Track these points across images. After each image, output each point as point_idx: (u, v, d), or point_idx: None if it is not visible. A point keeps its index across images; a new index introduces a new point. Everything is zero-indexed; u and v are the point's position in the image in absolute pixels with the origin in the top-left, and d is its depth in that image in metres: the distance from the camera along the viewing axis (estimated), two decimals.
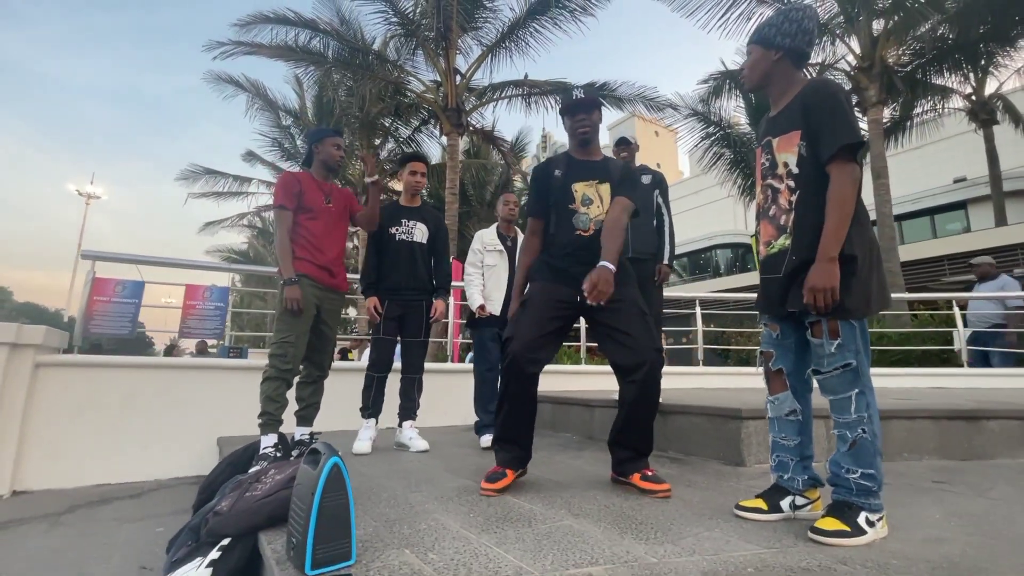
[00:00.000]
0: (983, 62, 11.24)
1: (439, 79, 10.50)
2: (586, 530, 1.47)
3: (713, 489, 1.99)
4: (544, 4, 9.23)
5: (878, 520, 1.43)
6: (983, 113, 13.14)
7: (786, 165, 1.58)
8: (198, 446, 3.53)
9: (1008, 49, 10.73)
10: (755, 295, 1.75)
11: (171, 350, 9.09)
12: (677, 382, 5.05)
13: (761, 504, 1.62)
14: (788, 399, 1.63)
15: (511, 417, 1.98)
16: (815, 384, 1.61)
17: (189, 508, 2.37)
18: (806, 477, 1.62)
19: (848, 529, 1.39)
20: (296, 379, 2.63)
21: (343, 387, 3.28)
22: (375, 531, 1.47)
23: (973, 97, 13.02)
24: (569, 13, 9.45)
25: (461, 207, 14.45)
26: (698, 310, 5.45)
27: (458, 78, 10.25)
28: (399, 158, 3.12)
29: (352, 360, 7.84)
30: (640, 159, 3.41)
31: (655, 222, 3.16)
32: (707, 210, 25.89)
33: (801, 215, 1.52)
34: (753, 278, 17.19)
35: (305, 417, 2.68)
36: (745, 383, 5.25)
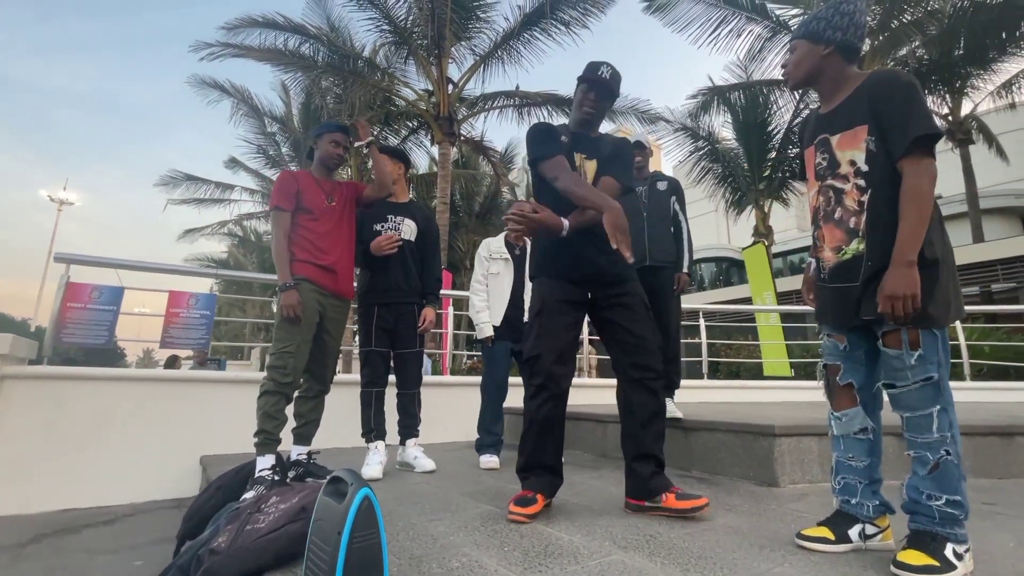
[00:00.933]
0: (959, 84, 11.62)
1: (431, 88, 10.39)
2: (643, 567, 1.30)
3: (757, 514, 1.83)
4: (539, 15, 9.22)
5: (965, 552, 1.29)
6: (960, 133, 13.54)
7: (852, 163, 1.45)
8: (179, 466, 3.26)
9: (982, 72, 11.12)
10: (744, 308, 1.63)
11: (173, 362, 8.54)
12: (682, 395, 4.91)
13: (827, 533, 1.47)
14: (859, 415, 1.49)
15: (545, 441, 1.83)
16: (885, 399, 1.48)
17: (171, 537, 2.11)
18: (876, 503, 1.47)
19: (937, 564, 1.24)
20: (295, 395, 2.41)
21: (341, 402, 3.04)
22: (400, 572, 1.28)
23: (950, 117, 13.42)
24: (563, 25, 9.47)
25: (450, 217, 14.30)
26: (702, 321, 5.35)
27: (450, 87, 10.16)
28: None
29: None
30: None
31: (672, 229, 3.05)
32: (693, 224, 26.20)
33: (875, 216, 1.39)
34: (737, 292, 17.35)
35: (303, 435, 2.46)
36: (751, 396, 5.15)
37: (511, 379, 3.14)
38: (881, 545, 1.44)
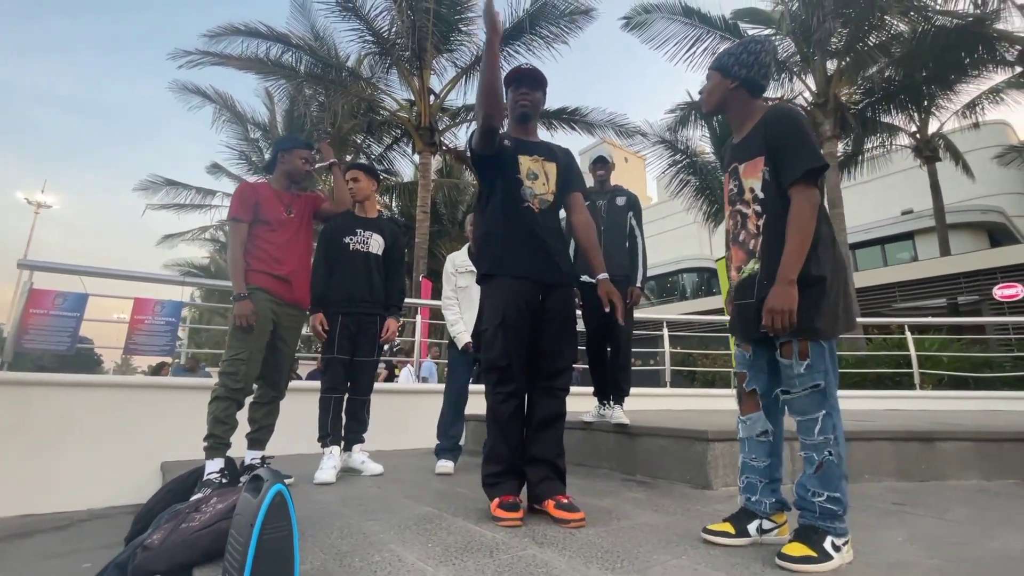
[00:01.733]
0: (926, 103, 12.06)
1: (413, 98, 10.52)
2: (551, 560, 1.40)
3: (680, 513, 1.95)
4: (519, 30, 9.42)
5: (844, 544, 1.41)
6: (927, 150, 14.05)
7: (752, 190, 1.60)
8: (140, 472, 3.28)
9: (947, 92, 11.55)
10: (721, 318, 1.76)
11: (159, 369, 8.41)
12: (645, 403, 5.04)
13: (729, 528, 1.59)
14: (760, 419, 1.61)
15: (515, 444, 1.91)
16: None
17: (122, 541, 2.16)
18: (773, 500, 1.59)
19: (815, 555, 1.37)
20: (249, 399, 2.48)
21: (300, 408, 3.11)
22: (323, 565, 1.36)
23: (917, 135, 13.91)
24: (543, 40, 9.68)
25: (432, 226, 14.37)
26: (665, 331, 5.50)
27: (432, 98, 10.30)
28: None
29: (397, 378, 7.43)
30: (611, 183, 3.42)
31: (627, 244, 3.15)
32: (675, 235, 26.58)
33: (768, 239, 1.54)
34: (718, 302, 17.64)
35: (257, 440, 2.52)
36: (712, 404, 5.29)
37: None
38: (777, 539, 1.55)
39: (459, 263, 3.19)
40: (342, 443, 2.83)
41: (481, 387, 2.02)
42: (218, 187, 16.76)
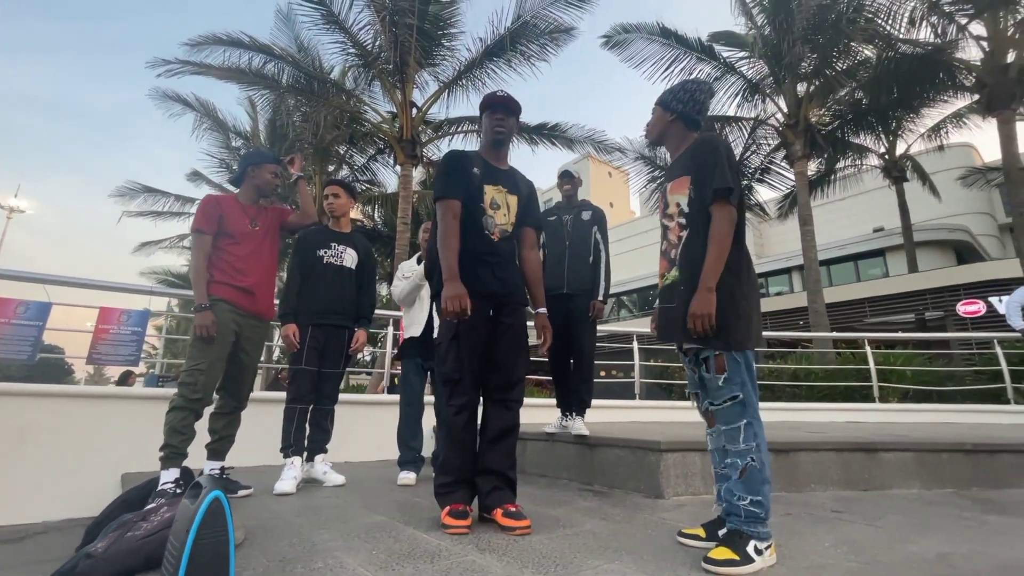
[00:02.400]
0: (893, 126, 12.56)
1: (395, 111, 10.62)
2: (488, 565, 1.45)
3: (627, 522, 2.01)
4: (500, 47, 9.60)
5: (766, 548, 1.49)
6: (895, 171, 14.55)
7: (678, 205, 1.72)
8: (99, 483, 3.23)
9: (912, 116, 12.05)
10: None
11: (126, 378, 8.18)
12: (614, 415, 5.12)
13: (701, 532, 1.69)
14: (720, 432, 1.69)
15: (467, 455, 1.97)
16: None
17: (74, 552, 2.15)
18: None
19: (737, 558, 1.44)
20: (210, 410, 2.49)
21: (262, 419, 3.12)
22: (265, 571, 1.40)
23: (886, 156, 14.42)
24: (524, 57, 9.87)
25: (413, 238, 14.42)
26: (635, 344, 5.60)
27: (414, 111, 10.40)
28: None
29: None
30: (595, 198, 3.52)
31: (591, 258, 3.22)
32: (652, 250, 26.94)
33: (688, 250, 1.67)
34: None
35: (217, 451, 2.53)
36: (681, 416, 5.39)
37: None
38: None
39: (406, 270, 3.28)
40: (304, 454, 2.85)
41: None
42: (198, 195, 16.62)
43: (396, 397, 5.00)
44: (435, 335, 3.16)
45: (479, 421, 2.05)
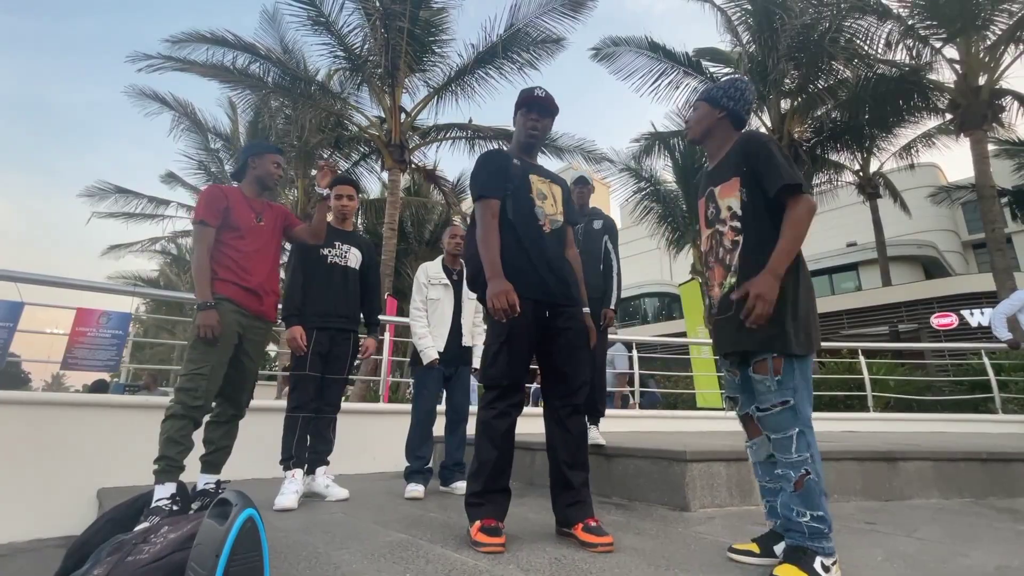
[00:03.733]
0: (867, 144, 12.98)
1: (383, 115, 10.46)
2: None
3: (663, 537, 1.90)
4: (492, 54, 9.58)
5: (833, 564, 1.40)
6: (869, 187, 15.05)
7: (730, 209, 1.64)
8: (72, 500, 2.97)
9: (886, 134, 12.49)
10: (682, 340, 1.78)
11: (103, 387, 7.64)
12: (614, 425, 5.03)
13: (754, 548, 1.59)
14: (764, 443, 1.61)
15: (506, 463, 1.84)
16: None
17: None
18: None
19: None
20: (206, 419, 2.29)
21: (257, 429, 2.91)
22: None
23: (860, 173, 14.91)
24: (515, 65, 9.87)
25: (399, 244, 14.17)
26: (635, 353, 5.54)
27: (403, 116, 10.27)
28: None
29: None
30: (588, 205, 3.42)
31: (602, 267, 3.15)
32: (637, 260, 27.23)
33: (746, 254, 1.58)
34: (679, 326, 18.08)
35: (212, 463, 2.33)
36: (680, 426, 5.34)
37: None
38: None
39: (432, 274, 3.11)
40: (305, 466, 2.67)
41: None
42: (172, 197, 16.06)
43: (389, 406, 4.82)
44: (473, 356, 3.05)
45: (547, 435, 1.94)
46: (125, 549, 1.39)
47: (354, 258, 2.87)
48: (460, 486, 2.86)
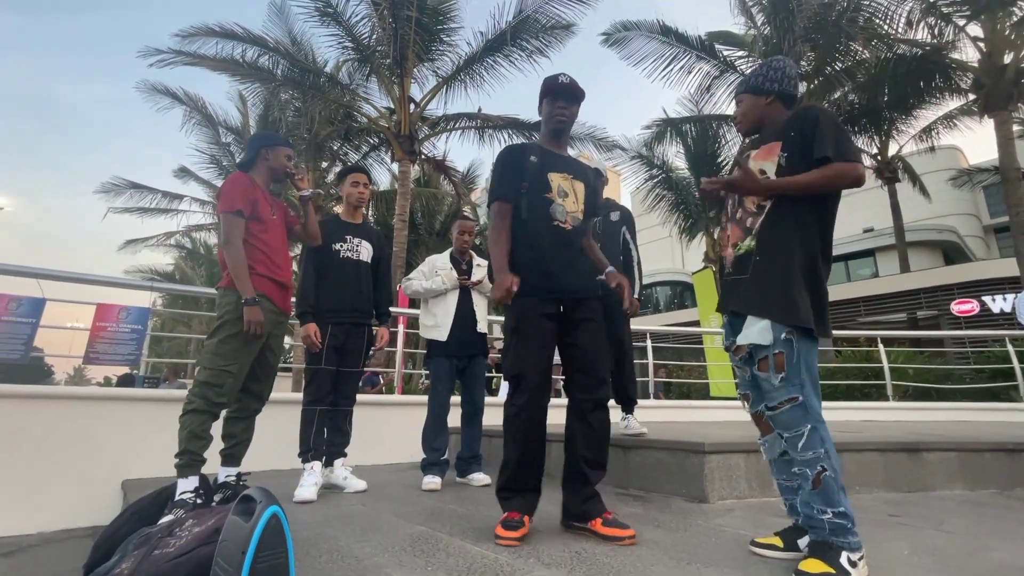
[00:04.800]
0: (886, 127, 12.66)
1: (392, 106, 10.42)
2: None
3: (684, 530, 1.89)
4: (500, 42, 9.46)
5: (859, 559, 1.38)
6: (887, 171, 14.70)
7: (763, 172, 1.57)
8: (98, 491, 3.04)
9: (906, 117, 12.16)
10: (696, 330, 1.75)
11: (129, 381, 7.73)
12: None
13: (777, 542, 1.57)
14: (777, 440, 1.58)
15: (530, 460, 1.82)
16: None
17: (78, 568, 1.97)
18: None
19: (832, 571, 1.33)
20: (225, 416, 2.31)
21: (275, 421, 2.95)
22: None
23: (879, 157, 14.56)
24: (524, 52, 9.74)
25: (410, 235, 14.20)
26: (648, 343, 5.51)
27: (412, 106, 10.21)
28: (339, 171, 2.90)
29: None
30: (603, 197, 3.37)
31: (621, 259, 3.13)
32: (649, 248, 27.00)
33: (772, 222, 1.54)
34: (692, 314, 17.95)
35: (233, 456, 2.35)
36: (695, 416, 5.31)
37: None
38: None
39: (440, 266, 3.13)
40: (323, 458, 2.69)
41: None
42: (185, 192, 16.22)
43: (404, 398, 4.85)
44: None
45: (567, 428, 1.92)
46: (151, 543, 1.41)
47: (366, 251, 2.87)
48: (477, 478, 2.88)
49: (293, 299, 2.62)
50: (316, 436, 2.62)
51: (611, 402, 3.14)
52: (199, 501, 1.94)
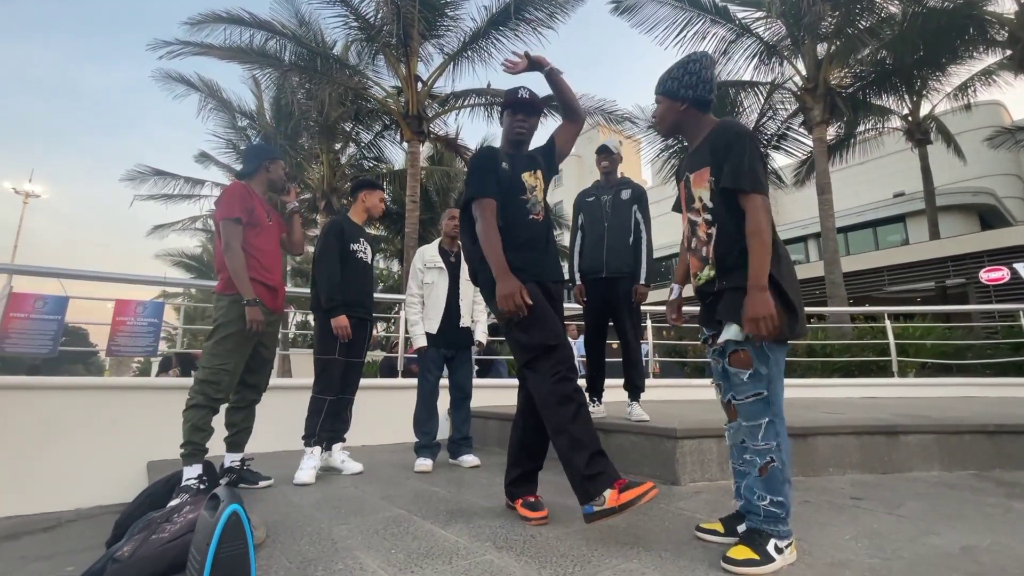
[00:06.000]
0: (917, 86, 12.00)
1: (400, 85, 10.40)
2: (507, 566, 1.46)
3: (643, 513, 2.01)
4: (504, 15, 9.29)
5: (787, 547, 1.48)
6: (918, 133, 14.01)
7: (700, 200, 1.64)
8: (126, 471, 3.34)
9: (939, 74, 11.49)
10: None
11: (168, 365, 8.22)
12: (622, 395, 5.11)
13: (718, 527, 1.68)
14: (740, 427, 1.66)
15: (586, 426, 1.75)
16: None
17: (104, 545, 2.22)
18: None
19: (757, 557, 1.43)
20: (227, 405, 2.52)
21: (285, 405, 3.18)
22: (287, 575, 1.42)
23: (909, 118, 13.87)
24: (529, 25, 9.54)
25: (425, 213, 14.31)
26: (649, 323, 5.55)
27: (419, 85, 10.18)
28: (356, 183, 3.05)
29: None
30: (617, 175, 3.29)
31: (631, 239, 3.07)
32: (667, 219, 26.58)
33: (721, 246, 1.60)
34: None
35: (236, 443, 2.58)
36: (696, 395, 5.38)
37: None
38: None
39: (428, 258, 3.20)
40: (324, 443, 2.90)
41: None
42: (207, 176, 16.62)
43: (405, 381, 5.05)
44: (475, 333, 3.16)
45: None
46: (151, 527, 1.61)
47: (370, 253, 3.08)
48: (467, 459, 3.05)
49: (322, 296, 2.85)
50: (323, 423, 2.81)
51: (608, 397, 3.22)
52: (202, 487, 2.15)
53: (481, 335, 3.22)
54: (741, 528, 1.63)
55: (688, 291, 1.91)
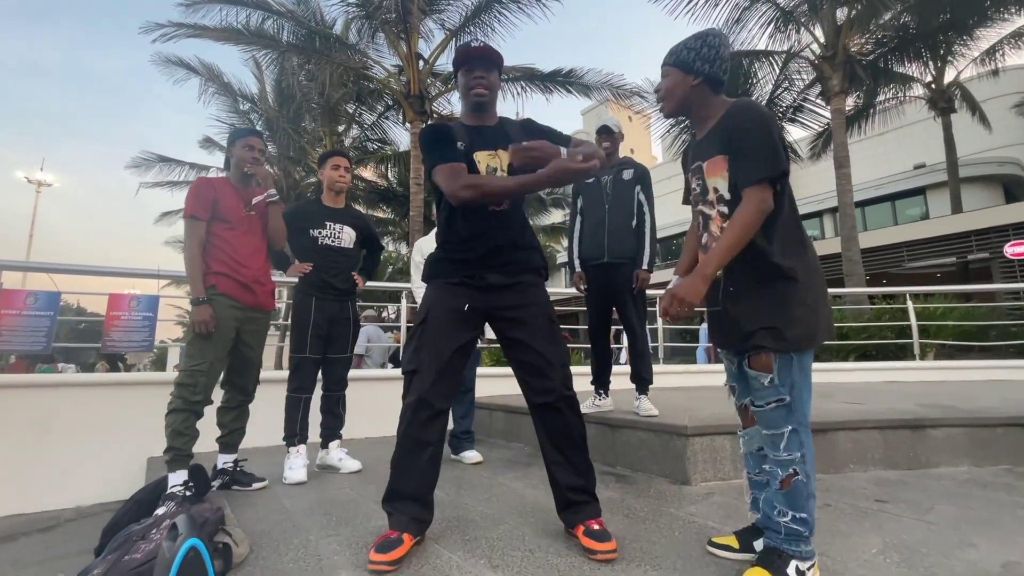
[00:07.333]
0: (943, 51, 11.41)
1: (401, 64, 10.11)
2: None
3: (652, 520, 1.89)
4: None
5: (809, 569, 1.34)
6: (942, 101, 13.42)
7: (716, 191, 1.47)
8: (126, 468, 3.30)
9: (966, 38, 10.91)
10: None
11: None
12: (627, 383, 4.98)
13: (733, 542, 1.55)
14: (757, 434, 1.52)
15: (413, 467, 1.64)
16: None
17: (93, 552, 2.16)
18: None
19: None
20: (217, 404, 2.43)
21: (279, 400, 3.08)
22: None
23: (933, 85, 13.26)
24: None
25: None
26: (657, 305, 5.38)
27: (420, 63, 9.89)
28: (320, 155, 2.86)
29: None
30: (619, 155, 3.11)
31: (634, 222, 2.92)
32: (678, 196, 26.03)
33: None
34: None
35: (228, 444, 2.49)
36: (707, 381, 5.23)
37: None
38: None
39: (427, 251, 3.06)
40: (307, 440, 2.78)
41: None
42: (213, 162, 16.52)
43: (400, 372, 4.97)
44: None
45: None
46: (126, 546, 1.52)
47: (348, 237, 2.85)
48: (469, 455, 2.95)
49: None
50: (302, 421, 2.69)
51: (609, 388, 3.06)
52: (188, 493, 2.07)
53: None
54: (758, 544, 1.50)
55: None
